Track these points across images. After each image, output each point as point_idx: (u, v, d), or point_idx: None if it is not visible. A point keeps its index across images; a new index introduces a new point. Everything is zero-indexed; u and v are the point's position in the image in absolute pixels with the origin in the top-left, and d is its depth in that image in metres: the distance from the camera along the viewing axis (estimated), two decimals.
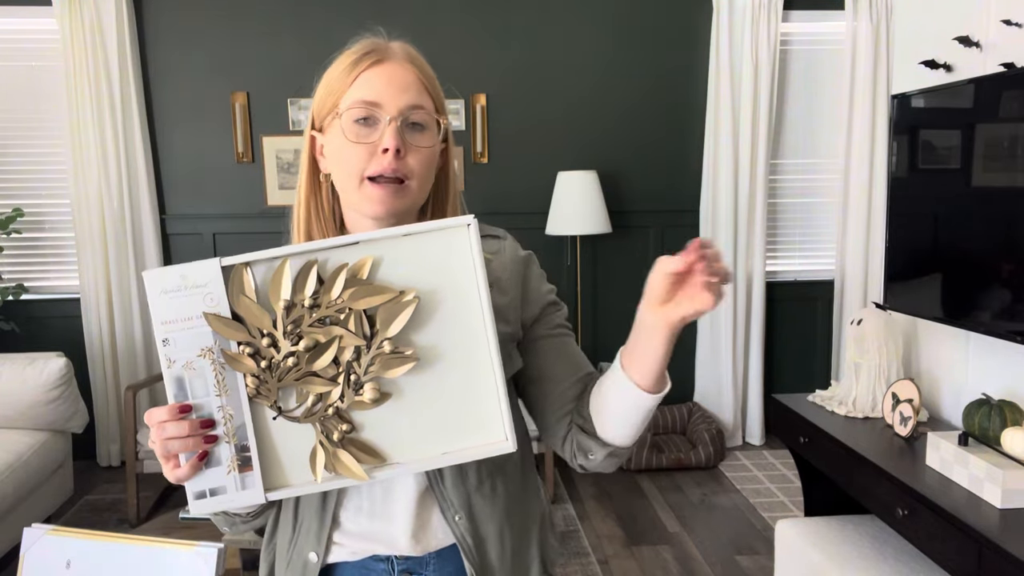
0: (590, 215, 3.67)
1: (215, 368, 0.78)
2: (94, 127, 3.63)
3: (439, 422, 0.83)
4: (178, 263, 0.79)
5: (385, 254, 0.81)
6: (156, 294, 0.77)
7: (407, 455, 0.82)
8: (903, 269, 2.52)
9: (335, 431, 0.81)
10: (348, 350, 0.80)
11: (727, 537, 3.05)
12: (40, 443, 2.99)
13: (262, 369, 0.79)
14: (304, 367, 0.80)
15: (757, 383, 4.05)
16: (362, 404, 0.81)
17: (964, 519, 1.71)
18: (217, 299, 0.78)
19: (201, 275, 0.78)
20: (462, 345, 0.83)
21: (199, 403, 0.78)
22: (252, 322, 0.79)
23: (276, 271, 0.79)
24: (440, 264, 0.82)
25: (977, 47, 2.25)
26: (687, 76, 3.98)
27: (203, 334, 0.78)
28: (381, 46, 0.96)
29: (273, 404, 0.80)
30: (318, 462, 0.81)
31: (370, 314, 0.80)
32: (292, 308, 0.79)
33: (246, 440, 0.79)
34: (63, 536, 0.95)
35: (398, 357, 0.81)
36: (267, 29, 3.79)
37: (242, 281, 0.78)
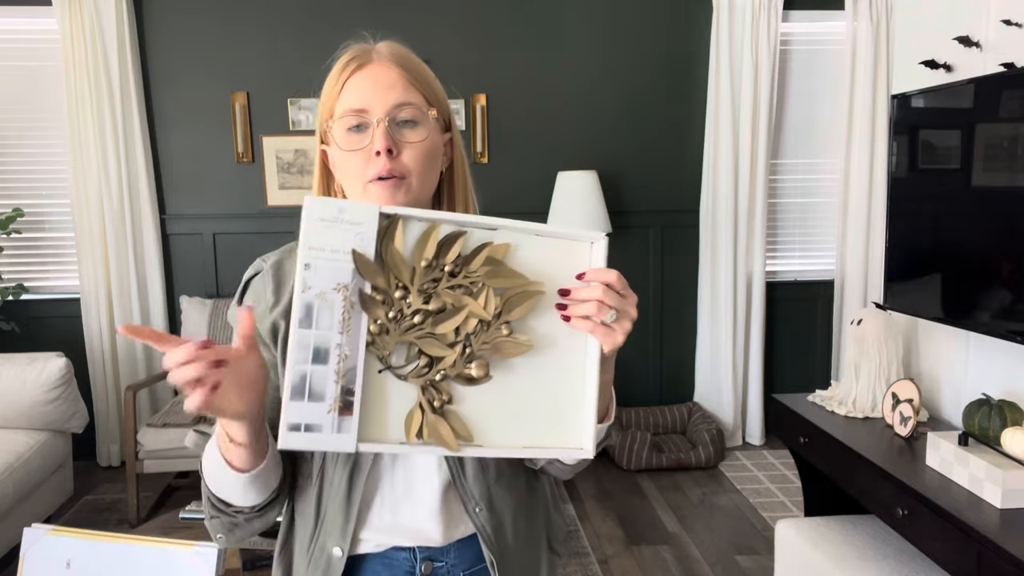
0: (590, 215, 3.67)
1: (345, 305, 0.78)
2: (94, 127, 3.63)
3: (528, 414, 0.85)
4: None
5: (520, 243, 0.84)
6: (312, 219, 0.78)
7: (492, 438, 0.84)
8: (903, 269, 2.52)
9: (436, 398, 0.82)
10: (471, 322, 0.82)
11: (727, 537, 3.05)
12: (40, 443, 2.99)
13: (388, 318, 0.80)
14: (428, 327, 0.81)
15: (757, 383, 4.05)
16: (467, 378, 0.83)
17: (964, 519, 1.71)
18: (368, 240, 0.79)
19: (359, 214, 0.79)
20: (566, 347, 0.86)
21: (320, 333, 0.78)
22: (393, 270, 0.80)
23: (427, 231, 0.81)
24: (563, 267, 0.85)
25: (977, 47, 2.25)
26: (687, 76, 3.98)
27: (344, 269, 0.78)
28: (364, 50, 0.96)
29: (384, 357, 0.81)
30: (413, 424, 0.81)
31: (499, 294, 0.83)
32: (431, 269, 0.81)
33: (353, 384, 0.79)
34: (63, 536, 0.95)
35: (513, 341, 0.83)
36: (267, 29, 3.79)
37: (395, 230, 0.80)
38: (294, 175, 3.87)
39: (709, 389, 4.06)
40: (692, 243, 4.04)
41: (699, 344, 4.07)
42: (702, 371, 4.08)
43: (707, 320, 4.03)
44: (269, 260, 1.02)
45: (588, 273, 0.84)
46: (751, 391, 4.06)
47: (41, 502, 3.03)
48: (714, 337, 4.03)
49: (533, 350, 0.84)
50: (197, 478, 3.79)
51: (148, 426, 3.22)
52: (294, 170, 3.87)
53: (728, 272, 3.94)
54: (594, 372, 0.85)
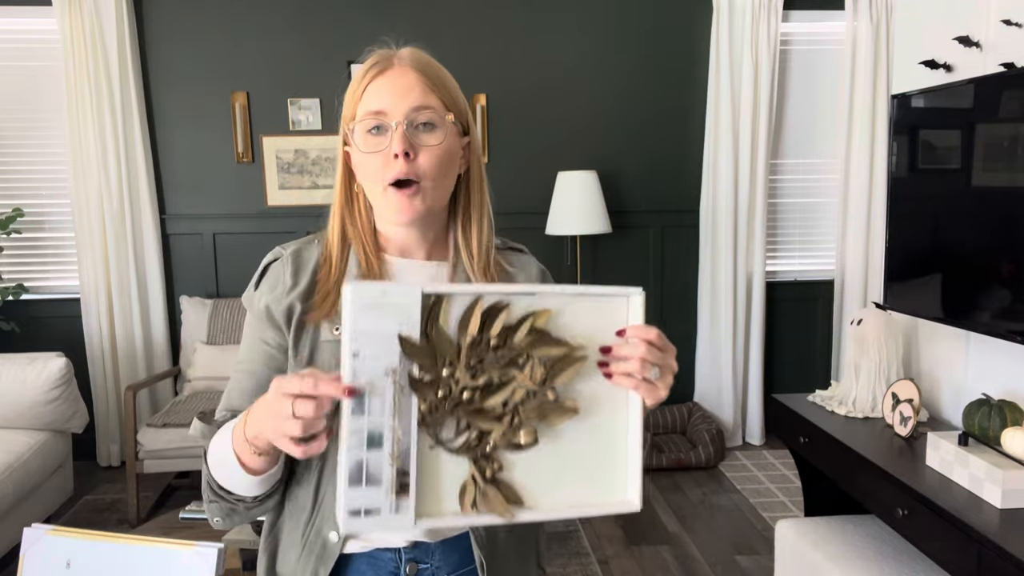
0: (590, 215, 3.67)
1: (395, 389, 0.78)
2: (94, 127, 3.63)
3: (576, 474, 0.86)
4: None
5: (559, 308, 0.84)
6: (357, 306, 0.77)
7: (542, 501, 0.85)
8: (903, 269, 2.52)
9: (488, 468, 0.83)
10: (519, 393, 0.83)
11: (727, 537, 3.05)
12: (40, 443, 2.99)
13: (438, 398, 0.81)
14: (477, 402, 0.82)
15: (757, 383, 4.05)
16: (515, 445, 0.84)
17: (964, 519, 1.71)
18: (412, 321, 0.79)
19: (401, 296, 0.79)
20: (609, 403, 0.87)
21: (373, 419, 0.78)
22: (440, 350, 0.80)
23: (470, 306, 0.81)
24: (604, 326, 0.86)
25: (977, 47, 2.25)
26: (687, 76, 3.98)
27: (392, 353, 0.78)
28: (386, 55, 0.99)
29: (434, 434, 0.82)
30: (467, 495, 0.82)
31: (542, 363, 0.84)
32: (477, 346, 0.82)
33: (407, 465, 0.79)
34: (63, 536, 0.95)
35: (560, 408, 0.84)
36: (267, 29, 3.79)
37: (439, 310, 0.80)
38: (294, 175, 3.87)
39: (709, 389, 4.06)
40: (692, 243, 4.04)
41: (699, 344, 4.07)
42: (702, 371, 4.08)
43: (707, 320, 4.03)
44: (289, 248, 1.05)
45: (628, 331, 0.85)
46: (751, 391, 4.06)
47: (41, 502, 3.03)
48: (714, 337, 4.03)
49: (580, 414, 0.85)
50: (197, 478, 3.78)
51: (148, 426, 3.22)
52: (294, 170, 3.87)
53: (728, 272, 3.94)
54: (638, 427, 0.86)
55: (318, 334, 0.99)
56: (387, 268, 1.03)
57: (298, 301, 0.99)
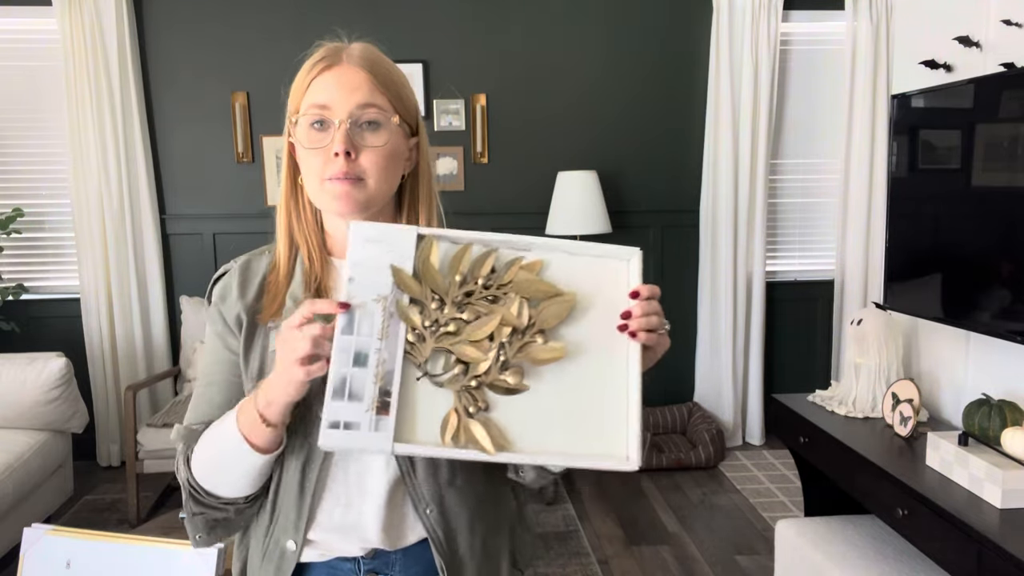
0: (590, 215, 3.67)
1: (384, 315, 0.83)
2: (94, 127, 3.63)
3: (567, 422, 0.86)
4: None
5: (553, 261, 0.88)
6: (358, 240, 0.84)
7: (527, 445, 0.86)
8: (903, 269, 2.52)
9: (472, 404, 0.85)
10: (505, 330, 0.85)
11: (727, 537, 3.05)
12: (40, 443, 2.99)
13: (424, 326, 0.84)
14: (463, 335, 0.85)
15: (757, 383, 4.05)
16: (502, 387, 0.85)
17: (964, 519, 1.71)
18: (406, 257, 0.85)
19: (398, 235, 0.85)
20: (605, 355, 0.87)
21: (361, 339, 0.83)
22: (429, 283, 0.85)
23: (460, 250, 0.86)
24: (598, 280, 0.89)
25: (977, 47, 2.25)
26: (687, 76, 3.98)
27: (384, 283, 0.84)
28: (335, 50, 0.97)
29: (421, 364, 0.85)
30: (449, 427, 0.84)
31: (531, 304, 0.86)
32: (465, 282, 0.86)
33: (390, 386, 0.83)
34: (63, 536, 0.95)
35: (547, 348, 0.86)
36: (267, 29, 3.79)
37: (430, 248, 0.85)
38: None
39: (709, 389, 4.06)
40: (692, 243, 4.04)
41: (699, 344, 4.07)
42: (702, 371, 4.08)
43: (707, 320, 4.03)
44: (239, 260, 1.06)
45: (642, 291, 0.87)
46: (751, 391, 4.06)
47: (41, 502, 3.03)
48: (714, 337, 4.03)
49: (568, 359, 0.86)
50: None
51: (148, 426, 3.22)
52: None
53: (728, 272, 3.94)
54: (638, 380, 0.87)
55: (267, 345, 0.98)
56: (331, 270, 1.02)
57: (244, 312, 0.99)
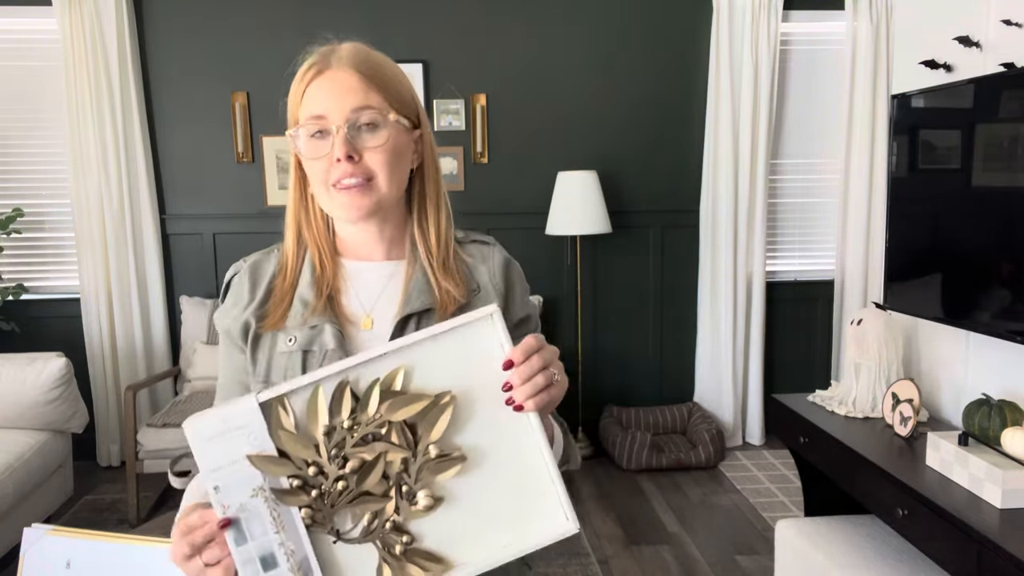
0: (590, 215, 3.67)
1: (268, 506, 0.78)
2: (94, 127, 3.63)
3: (496, 516, 0.82)
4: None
5: (416, 360, 0.81)
6: (200, 443, 0.77)
7: (470, 555, 0.82)
8: (903, 269, 2.52)
9: (397, 544, 0.81)
10: (396, 462, 0.80)
11: (727, 537, 3.05)
12: (40, 443, 2.99)
13: (314, 499, 0.79)
14: (355, 488, 0.80)
15: (757, 383, 4.05)
16: (418, 513, 0.81)
17: (964, 519, 1.71)
18: (260, 437, 0.78)
19: (240, 416, 0.78)
20: (507, 435, 0.83)
21: (258, 543, 0.78)
22: (296, 454, 0.79)
23: (311, 398, 0.79)
24: (472, 357, 0.82)
25: (977, 47, 2.25)
26: (687, 76, 3.98)
27: (252, 475, 0.78)
28: (324, 55, 0.96)
29: (331, 530, 0.80)
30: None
31: (410, 423, 0.81)
32: (332, 432, 0.80)
33: (311, 572, 0.79)
34: (63, 536, 0.95)
35: (446, 460, 0.81)
36: (267, 29, 3.79)
37: (279, 416, 0.79)
38: None
39: (709, 389, 4.06)
40: (692, 243, 4.04)
41: (699, 344, 4.07)
42: (702, 371, 4.08)
43: (707, 320, 4.03)
44: (248, 260, 1.05)
45: (515, 356, 0.81)
46: (751, 391, 4.06)
47: (41, 502, 3.03)
48: (714, 337, 4.03)
49: (472, 457, 0.82)
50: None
51: (148, 426, 3.22)
52: None
53: (728, 272, 3.94)
54: (545, 444, 0.82)
55: (274, 346, 0.98)
56: (342, 271, 1.02)
57: (253, 317, 0.99)
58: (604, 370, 4.09)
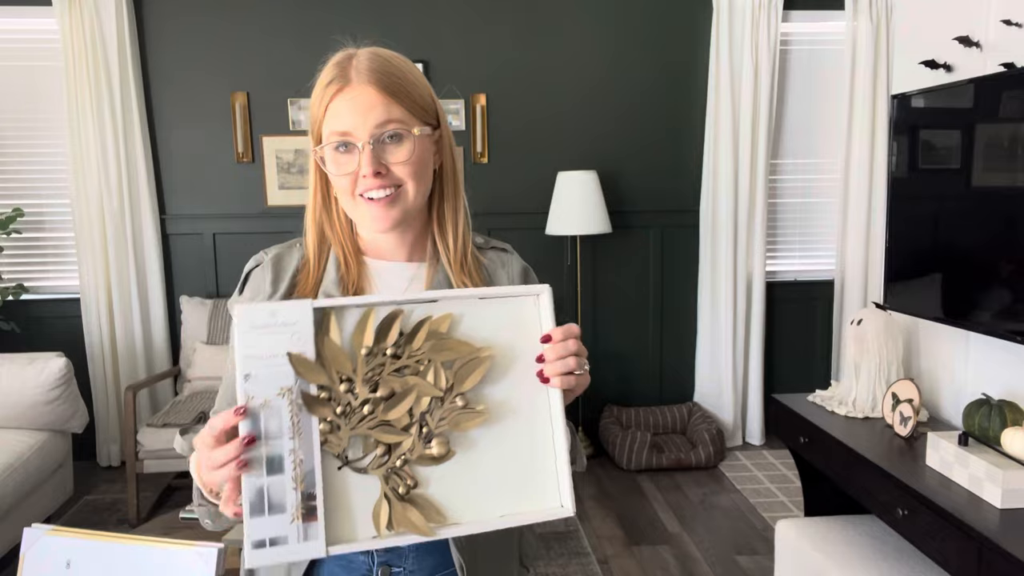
0: (590, 215, 3.67)
1: (291, 409, 0.77)
2: (94, 127, 3.63)
3: (500, 483, 0.83)
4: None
5: (463, 312, 0.82)
6: (246, 327, 0.76)
7: (467, 515, 0.81)
8: (903, 269, 2.52)
9: (401, 485, 0.80)
10: (423, 401, 0.80)
11: (727, 537, 3.05)
12: (40, 443, 2.99)
13: (336, 415, 0.78)
14: (379, 415, 0.79)
15: (757, 383, 4.05)
16: (429, 458, 0.81)
17: (964, 519, 1.71)
18: (304, 339, 0.78)
19: (291, 314, 0.77)
20: (529, 405, 0.84)
21: (272, 443, 0.76)
22: (334, 365, 0.78)
23: (362, 318, 0.80)
24: (513, 326, 0.84)
25: (977, 47, 2.25)
26: (687, 76, 3.98)
27: (285, 373, 0.77)
28: (343, 68, 0.97)
29: (341, 453, 0.79)
30: (382, 516, 0.79)
31: (449, 366, 0.81)
32: (373, 355, 0.79)
33: (313, 488, 0.77)
34: (63, 536, 0.95)
35: (470, 412, 0.81)
36: (267, 29, 3.79)
37: (330, 324, 0.79)
38: (294, 175, 3.87)
39: (709, 389, 4.06)
40: (692, 243, 4.04)
41: (699, 344, 4.07)
42: (702, 371, 4.08)
43: (707, 320, 4.03)
44: (270, 253, 1.05)
45: (555, 334, 0.84)
46: (751, 391, 4.06)
47: (41, 502, 3.03)
48: (714, 337, 4.03)
49: (492, 418, 0.82)
50: None
51: (148, 426, 3.22)
52: (294, 170, 3.87)
53: (728, 272, 3.94)
54: (562, 426, 0.84)
55: None
56: (366, 270, 1.03)
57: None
58: (604, 370, 4.09)
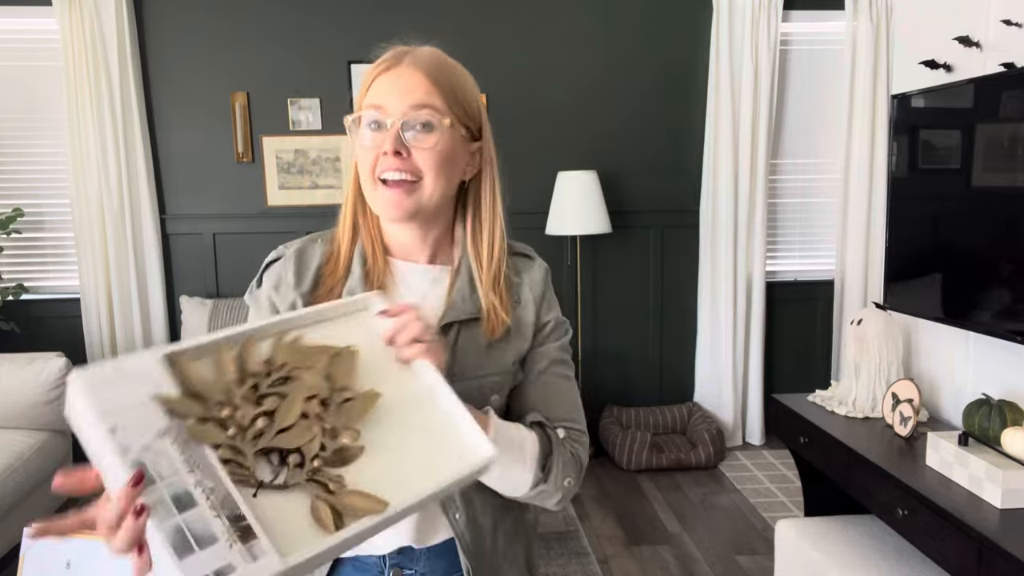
0: (590, 215, 3.67)
1: (178, 446, 0.68)
2: (94, 127, 3.63)
3: (420, 456, 0.81)
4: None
5: (305, 334, 0.81)
6: (88, 390, 0.67)
7: (407, 495, 0.78)
8: (903, 269, 2.52)
9: (329, 481, 0.74)
10: (313, 402, 0.77)
11: (727, 537, 3.05)
12: (40, 443, 2.99)
13: (230, 436, 0.71)
14: (276, 423, 0.74)
15: (757, 383, 4.05)
16: (343, 453, 0.77)
17: (964, 519, 1.71)
18: (164, 384, 0.71)
19: (139, 366, 0.70)
20: (405, 384, 0.83)
21: (169, 481, 0.67)
22: (207, 395, 0.72)
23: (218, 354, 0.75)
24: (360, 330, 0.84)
25: (977, 47, 2.25)
26: (687, 76, 3.98)
27: (155, 418, 0.68)
28: (399, 53, 0.98)
29: (250, 479, 0.71)
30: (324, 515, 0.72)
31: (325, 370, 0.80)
32: (246, 379, 0.75)
33: (237, 510, 0.67)
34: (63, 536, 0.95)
35: (362, 397, 0.80)
36: (267, 29, 3.79)
37: (185, 367, 0.73)
38: (294, 175, 3.87)
39: (709, 389, 4.06)
40: (692, 243, 4.04)
41: (699, 344, 4.07)
42: (702, 371, 4.08)
43: (707, 320, 4.03)
44: (292, 247, 1.05)
45: (391, 310, 0.85)
46: (751, 391, 4.06)
47: (41, 502, 3.03)
48: (714, 337, 4.03)
49: (384, 402, 0.81)
50: None
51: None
52: (294, 170, 3.87)
53: (728, 272, 3.94)
54: (441, 385, 0.83)
55: None
56: (391, 269, 1.03)
57: (300, 299, 0.99)
58: (604, 370, 4.09)
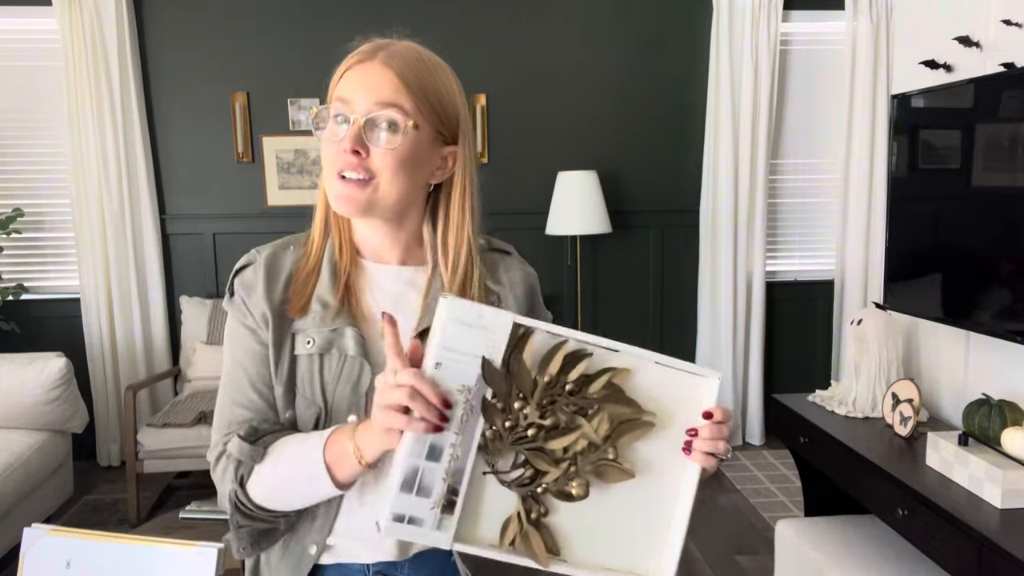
0: (590, 215, 3.67)
1: (465, 407, 0.80)
2: (94, 127, 3.63)
3: (618, 536, 0.86)
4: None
5: (637, 369, 0.85)
6: (451, 320, 0.79)
7: (578, 554, 0.85)
8: (903, 269, 2.52)
9: (535, 510, 0.83)
10: (581, 442, 0.83)
11: (727, 537, 3.05)
12: (40, 443, 2.99)
13: (504, 426, 0.82)
14: (540, 442, 0.83)
15: (757, 383, 4.05)
16: (567, 495, 0.84)
17: (964, 519, 1.71)
18: (498, 348, 0.81)
19: (494, 321, 0.80)
20: (667, 474, 0.87)
21: (439, 433, 0.80)
22: (517, 381, 0.81)
23: (555, 347, 0.82)
24: (677, 395, 0.86)
25: (977, 47, 2.25)
26: (687, 76, 3.98)
27: (471, 373, 0.80)
28: (374, 46, 0.95)
29: (492, 461, 0.82)
30: (509, 531, 0.83)
31: (614, 419, 0.84)
32: (552, 385, 0.82)
33: (459, 485, 0.81)
34: (63, 536, 0.95)
35: (618, 468, 0.84)
36: (267, 29, 3.79)
37: (526, 343, 0.82)
38: (294, 175, 3.87)
39: None
40: (692, 243, 4.04)
41: (699, 344, 4.07)
42: None
43: (707, 320, 4.03)
44: (263, 252, 1.02)
45: (716, 413, 0.86)
46: (751, 391, 4.06)
47: (41, 502, 3.03)
48: (714, 337, 4.03)
49: (634, 479, 0.86)
50: (197, 478, 3.71)
51: (148, 426, 3.22)
52: (294, 170, 3.87)
53: (728, 272, 3.94)
54: (691, 499, 0.86)
55: (293, 347, 0.98)
56: (362, 270, 1.02)
57: (271, 311, 0.97)
58: None
